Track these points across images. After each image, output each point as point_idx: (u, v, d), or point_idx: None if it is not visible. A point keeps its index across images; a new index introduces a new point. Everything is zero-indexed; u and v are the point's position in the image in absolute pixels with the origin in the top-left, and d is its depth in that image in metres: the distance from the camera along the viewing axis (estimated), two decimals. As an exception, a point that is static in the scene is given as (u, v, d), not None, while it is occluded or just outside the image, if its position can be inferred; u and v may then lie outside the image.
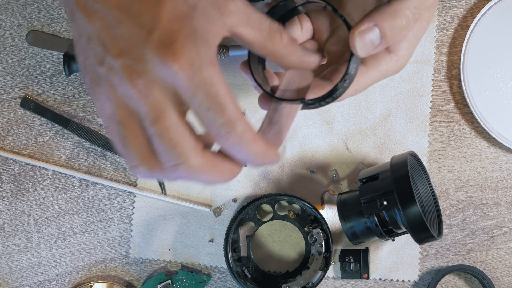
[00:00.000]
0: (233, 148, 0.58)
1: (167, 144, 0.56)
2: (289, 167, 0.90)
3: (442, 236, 0.83)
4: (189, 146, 0.57)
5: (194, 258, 0.90)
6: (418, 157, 0.85)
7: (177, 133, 0.56)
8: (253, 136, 0.58)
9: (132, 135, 0.58)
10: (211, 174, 0.58)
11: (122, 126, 0.58)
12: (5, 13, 0.90)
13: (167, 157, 0.57)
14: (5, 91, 0.90)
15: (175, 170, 0.57)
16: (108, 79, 0.57)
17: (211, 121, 0.57)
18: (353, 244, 0.85)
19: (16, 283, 0.90)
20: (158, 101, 0.56)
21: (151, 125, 0.56)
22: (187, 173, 0.57)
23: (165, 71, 0.55)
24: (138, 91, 0.56)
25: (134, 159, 0.58)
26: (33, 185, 0.90)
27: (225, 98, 0.56)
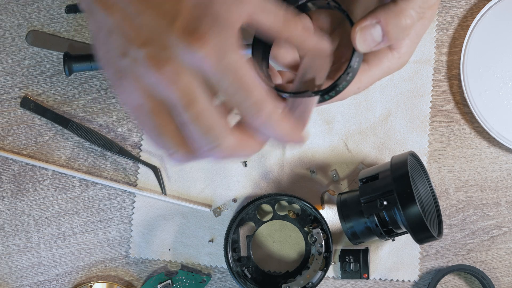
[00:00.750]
0: (262, 127, 0.58)
1: (202, 128, 0.57)
2: (289, 167, 0.90)
3: (442, 236, 0.83)
4: (223, 129, 0.57)
5: (194, 258, 0.90)
6: (418, 157, 0.85)
7: (210, 117, 0.57)
8: (280, 116, 0.58)
9: (164, 123, 0.58)
10: (242, 151, 0.59)
11: (153, 116, 0.58)
12: (5, 13, 0.90)
13: (203, 141, 0.57)
14: (5, 91, 0.90)
15: (212, 153, 0.58)
16: (133, 70, 0.57)
17: (240, 102, 0.57)
18: (353, 244, 0.85)
19: (16, 283, 0.90)
20: (188, 87, 0.56)
21: (184, 111, 0.57)
22: (223, 154, 0.58)
23: (192, 57, 0.56)
24: (167, 78, 0.56)
25: (170, 146, 0.59)
26: (33, 185, 0.90)
27: (252, 81, 0.57)
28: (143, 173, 0.90)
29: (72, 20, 0.90)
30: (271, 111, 0.58)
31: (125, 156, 0.89)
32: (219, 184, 0.90)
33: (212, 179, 0.90)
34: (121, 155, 0.89)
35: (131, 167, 0.90)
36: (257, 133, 0.60)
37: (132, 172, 0.90)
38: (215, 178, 0.90)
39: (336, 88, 0.64)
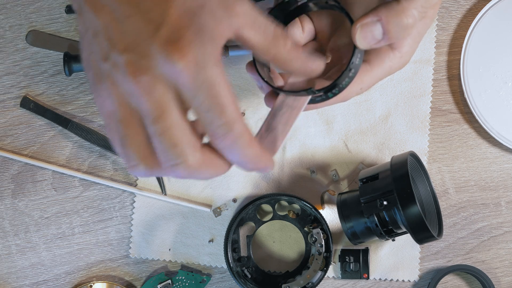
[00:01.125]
0: (228, 149, 0.58)
1: (168, 143, 0.56)
2: (289, 167, 0.90)
3: (442, 236, 0.83)
4: (189, 146, 0.57)
5: (194, 258, 0.90)
6: (418, 157, 0.85)
7: (178, 133, 0.56)
8: (249, 140, 0.58)
9: (132, 134, 0.57)
10: (207, 171, 0.58)
11: (122, 125, 0.57)
12: (5, 13, 0.90)
13: (166, 157, 0.56)
14: (5, 91, 0.90)
15: (174, 170, 0.57)
16: (111, 75, 0.57)
17: (210, 121, 0.56)
18: (353, 244, 0.85)
19: (16, 283, 0.90)
20: (161, 99, 0.56)
21: (152, 124, 0.56)
22: (186, 172, 0.57)
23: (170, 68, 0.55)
24: (141, 88, 0.56)
25: (133, 159, 0.58)
26: (33, 185, 0.90)
27: (226, 99, 0.56)
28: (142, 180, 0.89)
29: (72, 20, 0.90)
30: (240, 134, 0.57)
31: None
32: (219, 184, 0.90)
33: (212, 179, 0.90)
34: None
35: (131, 167, 0.90)
36: (224, 155, 0.58)
37: (132, 172, 0.90)
38: (215, 178, 0.90)
39: (339, 85, 0.64)
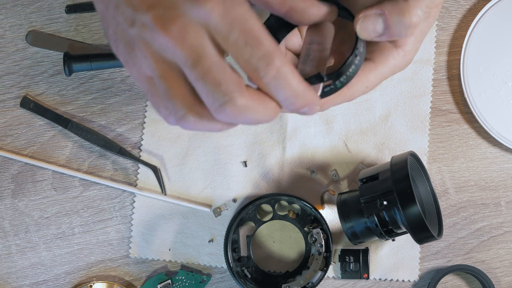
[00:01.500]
0: (274, 82, 0.57)
1: (211, 83, 0.56)
2: (289, 167, 0.90)
3: (442, 236, 0.83)
4: (233, 83, 0.56)
5: (194, 258, 0.90)
6: (418, 157, 0.85)
7: (219, 72, 0.56)
8: (291, 70, 0.57)
9: (175, 86, 0.57)
10: (257, 111, 0.57)
11: (163, 80, 0.57)
12: (5, 13, 0.90)
13: (212, 98, 0.56)
14: (5, 91, 0.90)
15: (223, 110, 0.56)
16: (141, 37, 0.57)
17: (249, 56, 0.56)
18: (353, 244, 0.85)
19: (16, 283, 0.90)
20: (195, 44, 0.56)
21: (192, 69, 0.56)
22: (235, 112, 0.56)
23: (198, 12, 0.55)
24: (174, 38, 0.56)
25: (180, 109, 0.57)
26: (33, 185, 0.90)
27: (260, 32, 0.56)
28: (143, 173, 0.90)
29: (72, 20, 0.90)
30: (282, 64, 0.56)
31: (125, 156, 0.89)
32: (219, 184, 0.90)
33: (212, 179, 0.90)
34: (121, 155, 0.89)
35: (131, 167, 0.90)
36: (270, 93, 0.58)
37: (132, 172, 0.90)
38: (215, 178, 0.90)
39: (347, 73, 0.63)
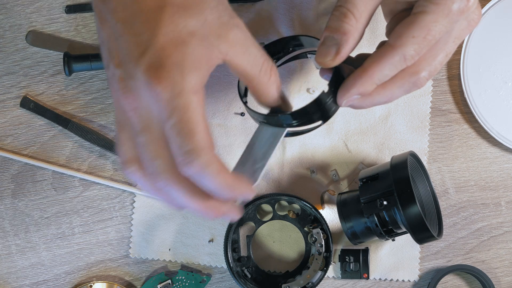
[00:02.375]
0: (197, 177, 0.60)
1: (149, 155, 0.61)
2: (289, 167, 0.90)
3: (442, 236, 0.83)
4: (167, 163, 0.61)
5: (194, 258, 0.90)
6: (418, 157, 0.85)
7: (157, 149, 0.61)
8: (218, 168, 0.60)
9: (124, 137, 0.64)
10: (217, 176, 0.60)
11: (118, 127, 0.63)
12: (5, 13, 0.90)
13: (149, 166, 0.61)
14: (5, 91, 0.90)
15: (190, 162, 0.59)
16: (111, 82, 0.62)
17: (178, 146, 0.59)
18: (353, 244, 0.85)
19: (16, 283, 0.90)
20: (143, 117, 0.61)
21: (137, 136, 0.61)
22: (200, 166, 0.59)
23: (149, 92, 0.59)
24: (128, 104, 0.61)
25: (122, 156, 0.64)
26: (33, 185, 0.90)
27: (197, 126, 0.59)
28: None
29: (72, 20, 0.90)
30: (208, 162, 0.59)
31: None
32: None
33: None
34: None
35: (131, 167, 0.90)
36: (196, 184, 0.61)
37: (132, 172, 0.90)
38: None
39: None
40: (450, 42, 0.69)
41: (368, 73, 0.67)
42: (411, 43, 0.66)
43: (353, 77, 0.68)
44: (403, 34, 0.66)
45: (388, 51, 0.66)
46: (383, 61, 0.66)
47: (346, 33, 0.66)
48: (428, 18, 0.65)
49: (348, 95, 0.68)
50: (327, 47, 0.67)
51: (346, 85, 0.68)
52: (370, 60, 0.67)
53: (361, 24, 0.67)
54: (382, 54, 0.66)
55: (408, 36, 0.65)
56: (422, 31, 0.65)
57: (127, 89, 0.60)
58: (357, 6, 0.66)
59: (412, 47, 0.66)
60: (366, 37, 0.88)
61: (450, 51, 0.69)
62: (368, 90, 0.67)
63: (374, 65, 0.66)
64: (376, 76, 0.67)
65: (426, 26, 0.65)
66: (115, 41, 0.61)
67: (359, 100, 0.69)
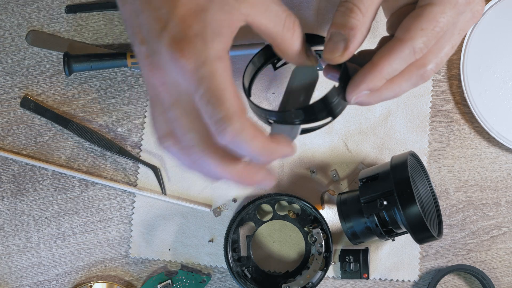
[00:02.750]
0: (232, 145, 0.59)
1: (181, 130, 0.61)
2: (289, 167, 0.90)
3: (442, 236, 0.83)
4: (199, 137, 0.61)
5: (194, 258, 0.90)
6: (418, 157, 0.85)
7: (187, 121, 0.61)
8: (252, 133, 0.59)
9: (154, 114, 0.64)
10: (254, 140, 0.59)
11: (149, 102, 0.64)
12: (5, 13, 0.90)
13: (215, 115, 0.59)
14: (5, 91, 0.90)
15: (224, 129, 0.59)
16: (139, 59, 0.62)
17: (210, 115, 0.59)
18: (353, 244, 0.85)
19: (16, 283, 0.90)
20: (173, 92, 0.60)
21: (168, 110, 0.61)
22: (235, 132, 0.59)
23: (175, 66, 0.59)
24: (157, 80, 0.61)
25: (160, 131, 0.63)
26: (33, 185, 0.90)
27: (226, 92, 0.58)
28: (143, 173, 0.90)
29: (72, 20, 0.90)
30: (241, 127, 0.58)
31: (125, 156, 0.89)
32: (219, 184, 0.90)
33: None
34: (121, 155, 0.89)
35: (131, 167, 0.90)
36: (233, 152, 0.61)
37: (132, 172, 0.90)
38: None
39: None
40: (456, 34, 0.69)
41: (378, 68, 0.67)
42: (420, 36, 0.66)
43: (362, 73, 0.67)
44: (411, 27, 0.66)
45: (397, 45, 0.66)
46: (393, 55, 0.66)
47: (354, 28, 0.66)
48: (436, 9, 0.65)
49: (358, 90, 0.67)
50: (334, 43, 0.67)
51: (355, 81, 0.68)
52: (379, 55, 0.67)
53: (367, 18, 0.67)
54: (391, 48, 0.66)
55: (416, 28, 0.66)
56: (430, 23, 0.66)
57: (153, 65, 0.60)
58: (363, 0, 0.66)
59: (421, 40, 0.66)
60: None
61: (455, 43, 0.69)
62: (377, 85, 0.67)
63: (384, 60, 0.66)
64: (386, 71, 0.67)
65: (434, 18, 0.66)
66: (136, 18, 0.61)
67: (367, 96, 0.69)
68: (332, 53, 0.67)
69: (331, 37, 0.67)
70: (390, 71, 0.67)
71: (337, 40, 0.67)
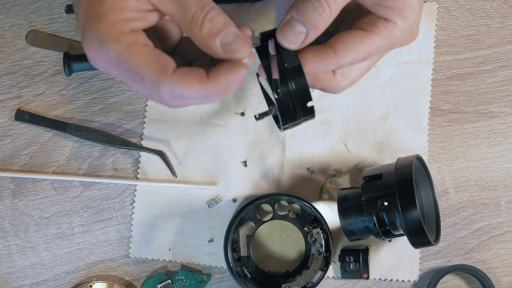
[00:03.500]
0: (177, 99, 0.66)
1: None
2: (289, 167, 0.90)
3: (438, 242, 0.83)
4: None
5: (194, 258, 0.90)
6: (423, 161, 0.85)
7: None
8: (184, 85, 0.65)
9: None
10: None
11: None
12: (5, 13, 0.90)
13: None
14: (5, 91, 0.90)
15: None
16: None
17: (142, 89, 0.65)
18: (349, 240, 0.84)
19: (16, 283, 0.90)
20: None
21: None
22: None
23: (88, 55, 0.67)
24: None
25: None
26: (33, 185, 0.90)
27: (140, 67, 0.64)
28: (143, 173, 0.90)
29: (72, 20, 0.90)
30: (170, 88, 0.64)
31: (129, 147, 0.89)
32: (219, 184, 0.90)
33: (212, 179, 0.90)
34: (125, 147, 0.89)
35: (131, 166, 0.90)
36: None
37: (132, 173, 0.90)
38: (215, 178, 0.90)
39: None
40: (377, 59, 0.73)
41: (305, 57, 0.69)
42: (352, 58, 0.68)
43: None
44: (350, 47, 0.68)
45: (329, 54, 0.68)
46: (319, 61, 0.68)
47: (318, 27, 0.67)
48: (378, 42, 0.68)
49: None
50: (295, 33, 0.67)
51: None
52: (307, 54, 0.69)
53: (332, 17, 0.67)
54: (320, 53, 0.68)
55: (353, 51, 0.68)
56: (365, 51, 0.68)
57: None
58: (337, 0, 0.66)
59: (351, 59, 0.68)
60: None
61: (372, 65, 0.73)
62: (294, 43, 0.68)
63: (310, 61, 0.68)
64: (309, 64, 0.69)
65: (372, 50, 0.68)
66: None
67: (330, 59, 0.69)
68: (289, 42, 0.67)
69: (291, 23, 0.67)
70: (312, 67, 0.69)
71: (298, 31, 0.67)
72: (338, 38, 0.68)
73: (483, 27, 0.91)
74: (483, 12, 0.91)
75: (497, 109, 0.90)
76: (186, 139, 0.90)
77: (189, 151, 0.90)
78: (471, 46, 0.91)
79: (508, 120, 0.90)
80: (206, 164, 0.90)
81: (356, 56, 0.68)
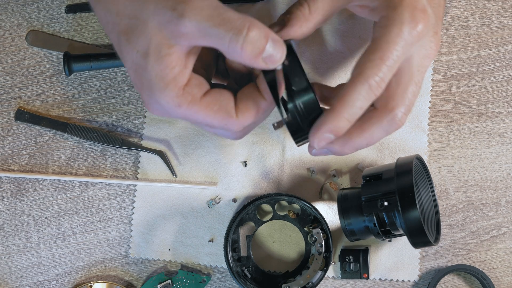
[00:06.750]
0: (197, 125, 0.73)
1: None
2: (289, 167, 0.90)
3: (438, 242, 0.83)
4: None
5: (194, 258, 0.90)
6: (423, 162, 0.85)
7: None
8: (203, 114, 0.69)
9: None
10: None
11: None
12: (5, 13, 0.90)
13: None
14: (5, 91, 0.90)
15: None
16: None
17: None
18: (349, 240, 0.84)
19: (16, 283, 0.90)
20: None
21: None
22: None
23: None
24: None
25: None
26: (33, 185, 0.90)
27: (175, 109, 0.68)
28: (143, 173, 0.90)
29: (72, 20, 0.90)
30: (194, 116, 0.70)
31: (129, 147, 0.89)
32: (219, 183, 0.90)
33: (212, 179, 0.90)
34: (124, 147, 0.89)
35: (131, 166, 0.90)
36: None
37: (132, 173, 0.90)
38: (215, 178, 0.90)
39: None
40: (416, 72, 0.70)
41: (337, 109, 0.68)
42: (371, 68, 0.67)
43: (323, 115, 0.69)
44: (361, 61, 0.67)
45: (352, 82, 0.67)
46: (350, 93, 0.67)
47: (295, 18, 0.70)
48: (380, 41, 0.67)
49: (319, 133, 0.69)
50: (273, 24, 0.71)
51: (316, 124, 0.69)
52: (338, 96, 0.68)
53: (313, 17, 0.70)
54: (348, 87, 0.68)
55: (365, 61, 0.67)
56: (376, 53, 0.67)
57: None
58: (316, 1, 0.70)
59: (372, 72, 0.67)
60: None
61: (418, 81, 0.70)
62: (340, 127, 0.68)
63: (342, 99, 0.67)
64: (346, 111, 0.68)
65: (380, 48, 0.67)
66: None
67: (338, 144, 0.71)
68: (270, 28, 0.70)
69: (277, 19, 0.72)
70: (351, 111, 0.68)
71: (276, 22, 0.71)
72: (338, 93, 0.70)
73: (483, 27, 0.91)
74: (483, 12, 0.91)
75: (497, 109, 0.91)
76: (186, 139, 0.90)
77: (189, 151, 0.90)
78: (471, 46, 0.91)
79: (508, 120, 0.91)
80: (206, 164, 0.90)
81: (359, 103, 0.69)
